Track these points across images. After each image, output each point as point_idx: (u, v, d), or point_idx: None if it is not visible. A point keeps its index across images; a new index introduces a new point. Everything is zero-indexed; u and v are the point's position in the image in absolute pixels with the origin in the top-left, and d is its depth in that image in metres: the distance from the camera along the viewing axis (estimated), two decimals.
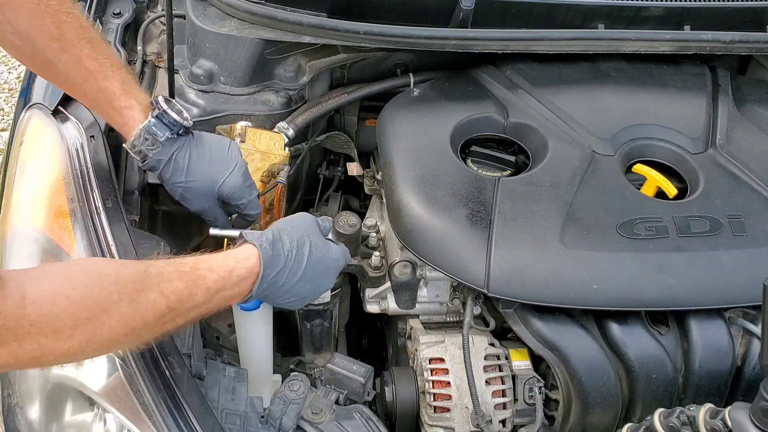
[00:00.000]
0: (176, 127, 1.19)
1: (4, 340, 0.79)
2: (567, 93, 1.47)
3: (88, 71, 1.14)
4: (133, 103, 1.18)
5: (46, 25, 1.09)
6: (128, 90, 1.18)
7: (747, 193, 1.29)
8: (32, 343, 0.82)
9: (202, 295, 1.00)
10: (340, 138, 1.67)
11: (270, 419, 1.10)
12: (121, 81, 1.17)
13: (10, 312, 0.79)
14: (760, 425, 0.87)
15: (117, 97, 1.17)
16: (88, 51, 1.13)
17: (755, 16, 1.57)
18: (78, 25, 1.12)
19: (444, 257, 1.21)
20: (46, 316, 0.82)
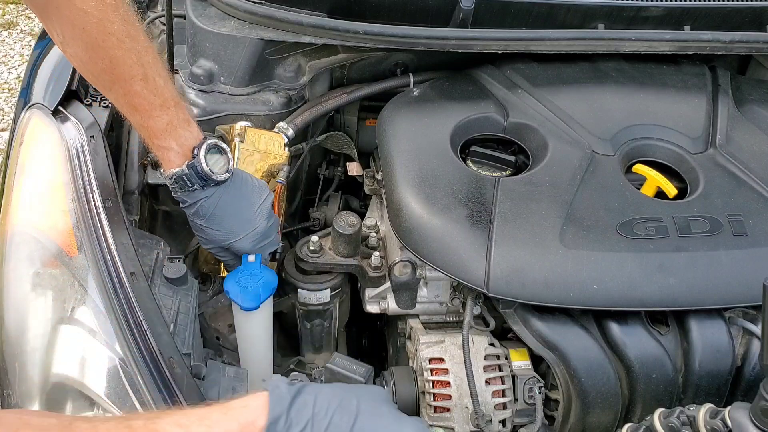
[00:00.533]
0: (206, 181, 1.20)
1: None
2: (567, 93, 1.47)
3: (134, 108, 1.16)
4: (172, 145, 1.19)
5: (100, 58, 1.12)
6: (171, 131, 1.19)
7: (747, 193, 1.29)
8: None
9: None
10: (340, 138, 1.67)
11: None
12: (166, 121, 1.18)
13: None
14: (760, 425, 0.87)
15: (157, 136, 1.19)
16: (138, 89, 1.14)
17: (755, 16, 1.57)
18: (135, 62, 1.13)
19: (444, 257, 1.21)
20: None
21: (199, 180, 1.19)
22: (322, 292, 1.43)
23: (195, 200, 1.21)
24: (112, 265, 1.14)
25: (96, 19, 1.08)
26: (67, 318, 1.13)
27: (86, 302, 1.12)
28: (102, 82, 1.16)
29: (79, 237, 1.18)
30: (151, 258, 1.21)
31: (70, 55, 1.15)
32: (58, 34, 1.12)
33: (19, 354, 1.15)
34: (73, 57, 1.15)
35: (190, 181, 1.19)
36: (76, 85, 1.41)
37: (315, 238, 1.42)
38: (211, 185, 1.21)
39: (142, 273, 1.15)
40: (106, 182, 1.24)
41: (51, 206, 1.23)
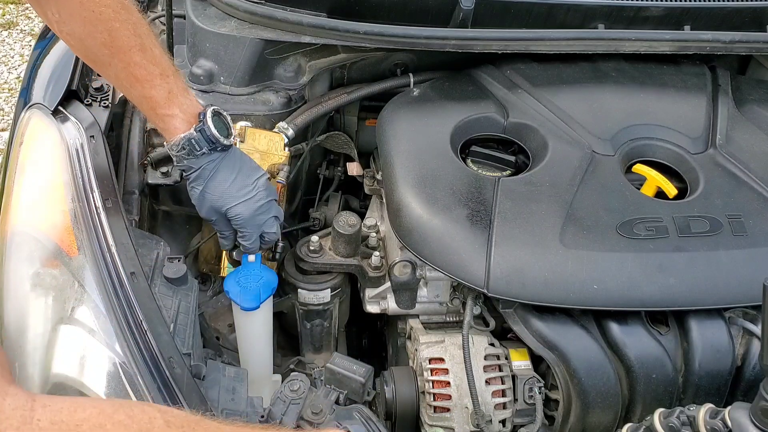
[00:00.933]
0: (215, 144, 1.21)
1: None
2: (567, 93, 1.47)
3: (135, 78, 1.17)
4: (176, 112, 1.20)
5: (99, 32, 1.13)
6: (173, 98, 1.20)
7: (747, 193, 1.29)
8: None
9: None
10: (340, 138, 1.67)
11: (270, 419, 1.10)
12: (167, 90, 1.19)
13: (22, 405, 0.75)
14: (760, 425, 0.87)
15: (160, 105, 1.19)
16: (137, 59, 1.16)
17: (755, 16, 1.57)
18: (131, 33, 1.14)
19: (444, 257, 1.21)
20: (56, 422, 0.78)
21: (207, 143, 1.20)
22: (322, 292, 1.44)
23: (200, 165, 1.22)
24: (112, 265, 1.14)
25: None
26: (67, 318, 1.13)
27: (86, 302, 1.12)
28: (101, 57, 1.16)
29: (79, 237, 1.18)
30: (151, 258, 1.21)
31: (66, 34, 1.15)
32: (53, 14, 1.12)
33: (19, 354, 1.15)
34: (71, 36, 1.15)
35: (198, 145, 1.19)
36: (76, 85, 1.41)
37: (315, 238, 1.42)
38: (218, 149, 1.22)
39: (142, 273, 1.15)
40: (106, 182, 1.24)
41: (51, 206, 1.23)
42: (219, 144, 1.21)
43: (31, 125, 1.36)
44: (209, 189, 1.23)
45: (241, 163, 1.26)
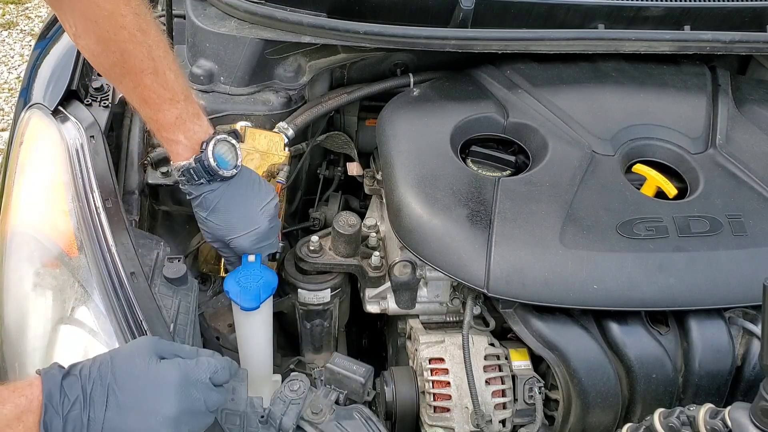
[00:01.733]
0: (213, 176, 1.20)
1: None
2: (567, 93, 1.47)
3: (143, 100, 1.17)
4: (181, 138, 1.20)
5: (111, 51, 1.13)
6: (180, 124, 1.19)
7: (747, 193, 1.29)
8: None
9: None
10: (340, 138, 1.67)
11: (270, 419, 1.10)
12: (175, 115, 1.18)
13: None
14: (760, 425, 0.87)
15: (166, 129, 1.19)
16: (148, 82, 1.15)
17: (755, 16, 1.57)
18: (146, 56, 1.14)
19: (444, 257, 1.21)
20: None
21: (205, 174, 1.19)
22: (322, 292, 1.43)
23: (200, 193, 1.22)
24: (112, 266, 1.14)
25: (108, 12, 1.09)
26: (67, 318, 1.13)
27: (86, 302, 1.12)
28: (113, 74, 1.17)
29: (79, 237, 1.18)
30: (151, 258, 1.21)
31: (82, 47, 1.16)
32: (71, 26, 1.13)
33: (19, 354, 1.15)
34: (85, 49, 1.16)
35: (197, 175, 1.19)
36: (76, 85, 1.41)
37: (315, 238, 1.42)
38: (218, 180, 1.21)
39: (142, 273, 1.15)
40: (106, 182, 1.24)
41: (51, 206, 1.23)
42: (218, 176, 1.20)
43: (31, 125, 1.36)
44: (212, 218, 1.23)
45: (245, 192, 1.25)
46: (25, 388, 0.88)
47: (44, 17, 4.04)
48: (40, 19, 4.25)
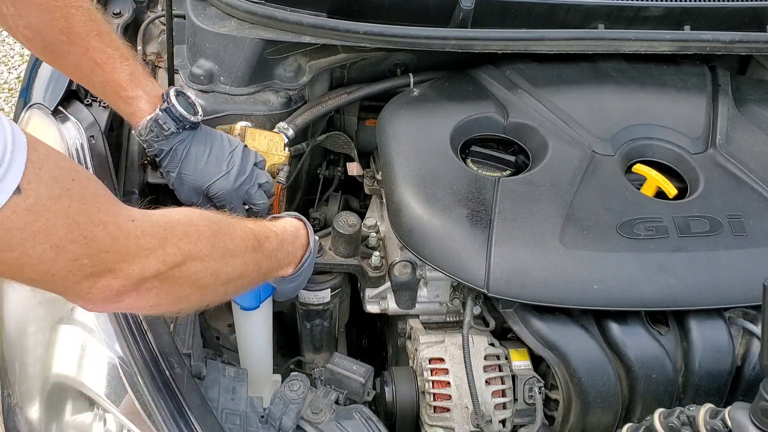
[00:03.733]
0: (182, 122, 1.21)
1: (149, 247, 0.84)
2: (567, 93, 1.47)
3: (96, 63, 1.16)
4: (140, 94, 1.20)
5: (56, 19, 1.12)
6: (135, 80, 1.19)
7: (747, 193, 1.29)
8: (172, 247, 0.87)
9: (274, 239, 1.11)
10: (340, 138, 1.67)
11: (270, 419, 1.10)
12: (129, 72, 1.18)
13: (142, 219, 0.84)
14: (760, 425, 0.87)
15: (123, 88, 1.19)
16: (96, 44, 1.15)
17: (755, 16, 1.57)
18: (87, 19, 1.14)
19: (444, 257, 1.21)
20: (170, 222, 0.90)
21: (174, 122, 1.19)
22: (322, 292, 1.43)
23: (171, 146, 1.21)
24: None
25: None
26: (67, 318, 1.13)
27: None
28: (60, 45, 1.15)
29: None
30: None
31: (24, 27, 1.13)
32: (8, 8, 1.11)
33: (20, 354, 1.15)
34: (27, 28, 1.13)
35: (166, 125, 1.19)
36: (76, 85, 1.41)
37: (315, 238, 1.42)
38: (186, 128, 1.21)
39: None
40: (106, 182, 1.24)
41: None
42: (186, 121, 1.20)
43: (31, 125, 1.36)
44: (185, 170, 1.23)
45: (212, 138, 1.26)
46: (291, 222, 1.19)
47: None
48: None
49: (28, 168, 0.70)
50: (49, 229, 0.72)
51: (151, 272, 0.84)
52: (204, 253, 0.92)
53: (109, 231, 0.79)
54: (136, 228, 0.83)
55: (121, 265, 0.81)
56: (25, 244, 0.71)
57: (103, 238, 0.78)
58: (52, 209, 0.72)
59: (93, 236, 0.77)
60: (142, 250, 0.83)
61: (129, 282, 0.83)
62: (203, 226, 0.95)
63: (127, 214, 0.83)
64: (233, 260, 0.99)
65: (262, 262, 1.07)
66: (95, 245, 0.77)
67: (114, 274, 0.81)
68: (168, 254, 0.86)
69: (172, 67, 1.36)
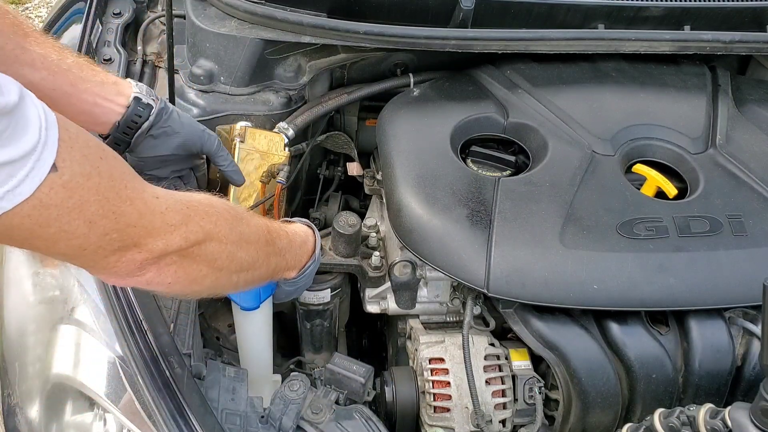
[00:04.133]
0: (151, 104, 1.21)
1: (173, 223, 0.87)
2: (567, 93, 1.47)
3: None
4: (120, 92, 1.18)
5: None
6: (111, 83, 1.18)
7: (747, 193, 1.29)
8: (194, 225, 0.90)
9: (285, 239, 1.13)
10: (340, 138, 1.67)
11: (270, 419, 1.10)
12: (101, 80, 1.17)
13: (165, 196, 0.87)
14: (760, 425, 0.87)
15: (108, 92, 1.17)
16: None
17: (755, 16, 1.57)
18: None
19: (444, 257, 1.21)
20: (192, 201, 0.92)
21: (156, 99, 1.20)
22: (322, 292, 1.43)
23: (167, 118, 1.21)
24: None
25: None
26: (67, 318, 1.13)
27: (86, 302, 1.12)
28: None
29: None
30: None
31: None
32: None
33: (20, 354, 1.15)
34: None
35: (155, 101, 1.19)
36: None
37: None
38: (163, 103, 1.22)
39: None
40: None
41: None
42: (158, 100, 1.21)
43: None
44: (185, 130, 1.23)
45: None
46: (300, 227, 1.22)
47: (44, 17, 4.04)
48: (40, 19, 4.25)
49: (61, 146, 0.71)
50: (83, 204, 0.75)
51: (174, 247, 0.87)
52: (223, 235, 0.95)
53: (137, 207, 0.82)
54: (161, 204, 0.86)
55: (147, 239, 0.84)
56: (61, 219, 0.74)
57: (131, 213, 0.81)
58: (85, 186, 0.75)
59: (122, 211, 0.80)
60: (167, 226, 0.86)
61: (152, 256, 0.86)
62: (222, 209, 0.97)
63: (151, 191, 0.86)
64: (248, 247, 1.02)
65: (272, 257, 1.10)
66: (124, 220, 0.80)
67: (139, 248, 0.84)
68: (191, 231, 0.89)
69: (172, 67, 1.36)
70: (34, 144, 0.69)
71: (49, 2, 4.33)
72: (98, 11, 1.60)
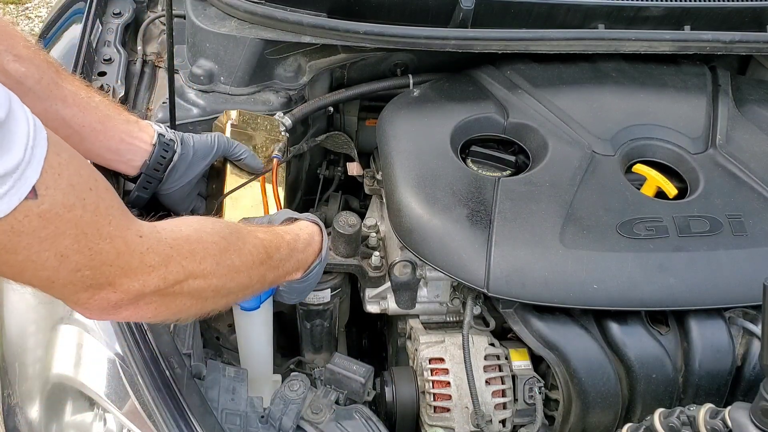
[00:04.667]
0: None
1: (152, 264, 0.83)
2: (567, 93, 1.47)
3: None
4: (144, 130, 1.25)
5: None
6: (130, 122, 1.23)
7: (747, 193, 1.29)
8: (175, 265, 0.86)
9: (285, 248, 1.10)
10: (340, 138, 1.67)
11: (270, 419, 1.10)
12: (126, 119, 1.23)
13: (149, 235, 0.83)
14: (760, 425, 0.87)
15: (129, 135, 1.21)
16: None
17: (755, 16, 1.57)
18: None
19: (444, 257, 1.21)
20: (178, 239, 0.89)
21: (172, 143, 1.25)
22: (322, 292, 1.43)
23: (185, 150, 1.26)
24: None
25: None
26: (67, 318, 1.13)
27: None
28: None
29: None
30: None
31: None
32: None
33: (20, 354, 1.15)
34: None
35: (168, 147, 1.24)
36: None
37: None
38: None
39: None
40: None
41: None
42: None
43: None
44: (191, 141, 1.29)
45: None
46: (306, 228, 1.19)
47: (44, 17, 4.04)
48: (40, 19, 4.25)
49: (48, 173, 0.68)
50: (57, 237, 0.71)
51: (151, 288, 0.84)
52: (208, 271, 0.92)
53: (116, 245, 0.78)
54: (142, 244, 0.82)
55: (122, 279, 0.80)
56: (30, 249, 0.70)
57: (109, 252, 0.77)
58: (65, 217, 0.71)
59: (99, 249, 0.76)
60: (145, 267, 0.82)
61: (128, 297, 0.82)
62: (211, 242, 0.94)
63: (136, 228, 0.82)
64: (239, 275, 0.99)
65: (268, 274, 1.07)
66: (99, 258, 0.77)
67: (114, 288, 0.80)
68: (170, 272, 0.85)
69: (172, 67, 1.36)
70: (16, 163, 0.65)
71: (49, 2, 4.33)
72: (98, 11, 1.60)
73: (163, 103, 1.45)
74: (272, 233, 1.09)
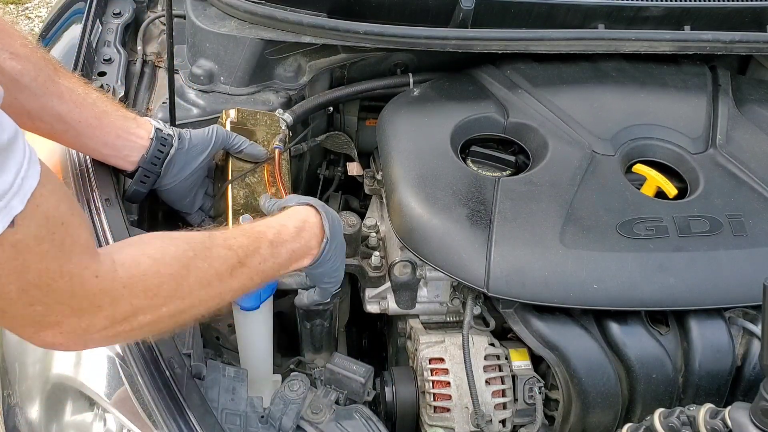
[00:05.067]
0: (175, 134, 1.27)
1: (101, 304, 0.82)
2: (567, 93, 1.47)
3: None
4: (139, 124, 1.24)
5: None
6: (126, 118, 1.22)
7: (747, 193, 1.29)
8: (125, 304, 0.84)
9: (266, 248, 1.06)
10: (340, 138, 1.67)
11: (270, 419, 1.10)
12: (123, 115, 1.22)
13: (105, 275, 0.82)
14: (760, 425, 0.87)
15: (126, 127, 1.22)
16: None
17: (755, 16, 1.57)
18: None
19: (444, 257, 1.21)
20: (134, 276, 0.86)
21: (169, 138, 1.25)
22: None
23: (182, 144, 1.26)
24: None
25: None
26: None
27: None
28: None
29: None
30: None
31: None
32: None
33: (20, 354, 1.15)
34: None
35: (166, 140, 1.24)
36: None
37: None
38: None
39: None
40: (106, 182, 1.24)
41: None
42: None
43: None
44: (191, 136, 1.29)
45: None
46: (297, 214, 1.14)
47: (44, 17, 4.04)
48: (40, 19, 4.25)
49: (29, 202, 0.67)
50: (23, 270, 0.70)
51: (98, 328, 0.83)
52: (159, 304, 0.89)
53: (72, 284, 0.77)
54: (96, 285, 0.80)
55: (70, 319, 0.79)
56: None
57: (64, 291, 0.76)
58: (34, 250, 0.70)
59: (56, 287, 0.75)
60: (94, 308, 0.81)
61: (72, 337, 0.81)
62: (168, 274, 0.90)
63: (94, 268, 0.80)
64: (200, 293, 0.96)
65: (253, 277, 1.04)
66: (53, 296, 0.75)
67: (60, 328, 0.79)
68: (118, 311, 0.84)
69: (172, 67, 1.36)
70: (4, 191, 0.64)
71: (49, 2, 4.33)
72: (98, 11, 1.60)
73: (163, 103, 1.46)
74: (251, 236, 1.05)
